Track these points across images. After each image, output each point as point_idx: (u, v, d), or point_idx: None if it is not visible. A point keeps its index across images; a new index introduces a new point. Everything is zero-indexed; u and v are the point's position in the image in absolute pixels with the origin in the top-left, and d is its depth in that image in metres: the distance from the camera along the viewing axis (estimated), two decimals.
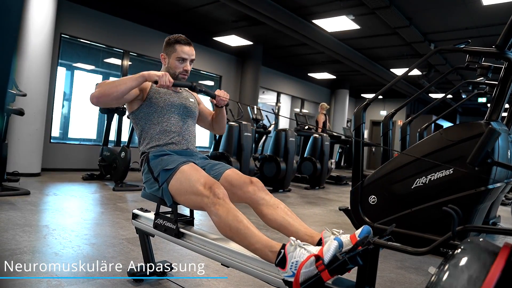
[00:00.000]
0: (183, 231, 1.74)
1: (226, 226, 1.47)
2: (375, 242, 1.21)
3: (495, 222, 3.78)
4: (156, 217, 1.87)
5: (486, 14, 6.06)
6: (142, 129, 1.92)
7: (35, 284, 1.79)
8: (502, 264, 0.80)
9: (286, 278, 1.28)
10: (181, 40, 1.96)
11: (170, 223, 1.79)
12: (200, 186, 1.57)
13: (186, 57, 1.94)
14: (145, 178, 1.85)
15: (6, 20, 0.40)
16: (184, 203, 1.70)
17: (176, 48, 1.94)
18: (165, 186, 1.71)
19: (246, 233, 1.42)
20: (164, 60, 2.00)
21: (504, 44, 2.63)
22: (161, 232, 1.83)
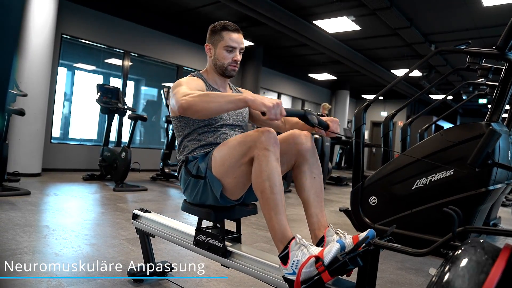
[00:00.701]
0: (231, 250, 1.55)
1: (265, 179, 1.34)
2: (376, 243, 1.21)
3: (496, 223, 3.78)
4: (197, 233, 1.68)
5: (486, 15, 6.06)
6: (184, 138, 1.70)
7: (35, 284, 1.79)
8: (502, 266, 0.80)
9: (286, 275, 1.28)
10: (228, 26, 1.72)
11: (215, 240, 1.59)
12: (247, 136, 1.42)
13: (235, 45, 1.72)
14: (184, 184, 1.66)
15: (7, 20, 0.40)
16: (234, 180, 1.49)
17: (223, 36, 1.71)
18: (209, 173, 1.53)
19: (278, 204, 1.34)
20: (209, 51, 1.78)
21: (504, 45, 2.63)
22: (203, 249, 1.65)
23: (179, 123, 1.71)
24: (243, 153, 1.42)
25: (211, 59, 1.78)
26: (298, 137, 1.56)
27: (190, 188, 1.63)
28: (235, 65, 1.75)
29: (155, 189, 5.21)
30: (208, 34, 1.78)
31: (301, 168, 1.56)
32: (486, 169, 2.64)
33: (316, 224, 1.50)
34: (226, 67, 1.74)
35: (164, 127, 7.15)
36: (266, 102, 1.32)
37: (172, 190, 5.35)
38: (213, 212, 1.61)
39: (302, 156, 1.56)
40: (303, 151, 1.55)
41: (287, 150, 1.55)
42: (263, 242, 2.95)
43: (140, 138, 8.28)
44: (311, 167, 1.56)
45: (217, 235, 1.60)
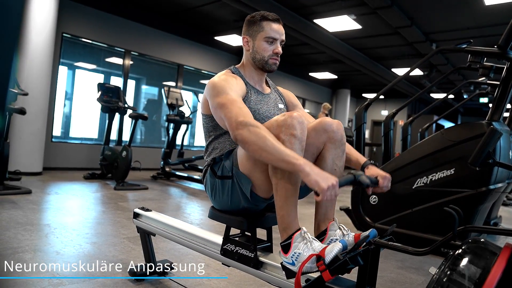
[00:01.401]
0: (263, 260, 1.43)
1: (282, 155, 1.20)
2: (376, 242, 1.21)
3: (496, 223, 3.78)
4: (225, 242, 1.55)
5: (488, 14, 6.05)
6: (214, 139, 1.59)
7: (36, 283, 1.79)
8: (503, 265, 0.80)
9: (285, 263, 1.29)
10: (269, 16, 1.60)
11: (246, 250, 1.47)
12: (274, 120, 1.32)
13: (277, 37, 1.59)
14: (211, 188, 1.54)
15: (7, 19, 0.40)
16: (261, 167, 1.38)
17: (263, 26, 1.58)
18: (236, 171, 1.43)
19: (292, 194, 1.30)
20: (247, 44, 1.63)
21: (506, 44, 2.62)
22: (231, 260, 1.53)
23: (210, 123, 1.58)
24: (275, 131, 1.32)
25: (249, 52, 1.62)
26: (330, 125, 1.43)
27: (218, 191, 1.51)
28: (276, 58, 1.62)
29: (156, 188, 5.22)
30: (245, 25, 1.64)
31: (325, 156, 1.44)
32: (487, 169, 2.64)
33: (322, 216, 1.48)
34: (267, 61, 1.60)
35: (164, 126, 7.15)
36: (321, 183, 1.14)
37: (172, 189, 5.35)
38: (246, 220, 1.49)
39: (330, 144, 1.44)
40: (332, 139, 1.43)
41: (314, 140, 1.43)
42: None
43: (141, 137, 8.29)
44: (335, 158, 1.45)
45: (247, 245, 1.48)
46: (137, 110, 5.35)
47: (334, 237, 1.43)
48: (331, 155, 1.45)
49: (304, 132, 1.31)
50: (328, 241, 1.43)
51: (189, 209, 4.15)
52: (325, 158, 1.45)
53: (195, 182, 5.90)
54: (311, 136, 1.41)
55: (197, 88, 9.39)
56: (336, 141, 1.44)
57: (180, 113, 6.17)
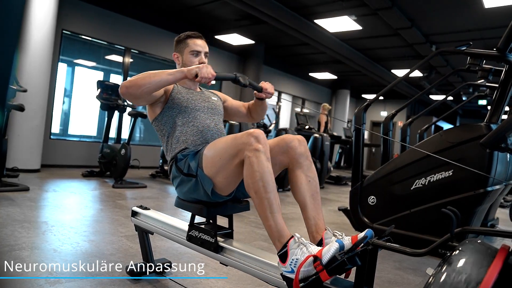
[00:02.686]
0: (223, 245, 1.58)
1: (255, 181, 1.36)
2: (374, 242, 1.21)
3: (493, 224, 3.79)
4: (190, 229, 1.71)
5: (487, 17, 6.06)
6: (168, 134, 1.78)
7: (33, 281, 1.79)
8: (499, 266, 0.80)
9: (284, 273, 1.29)
10: (192, 35, 1.88)
11: (208, 236, 1.63)
12: (236, 139, 1.46)
13: (200, 50, 1.86)
14: (176, 182, 1.71)
15: (8, 16, 0.40)
16: (225, 179, 1.54)
17: (188, 43, 1.86)
18: (200, 172, 1.58)
19: (272, 202, 1.36)
20: (177, 59, 1.90)
21: (505, 47, 2.63)
22: (195, 245, 1.68)
23: (158, 123, 1.80)
24: (233, 155, 1.47)
25: (180, 65, 1.89)
26: (291, 141, 1.59)
27: (182, 185, 1.67)
28: None
29: (154, 186, 5.22)
30: (174, 45, 1.93)
31: (295, 172, 1.57)
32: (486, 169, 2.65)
33: (313, 227, 1.49)
34: None
35: None
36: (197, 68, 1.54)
37: (171, 188, 5.35)
38: (206, 208, 1.64)
39: (295, 160, 1.58)
40: (296, 155, 1.57)
41: (279, 152, 1.59)
42: (262, 241, 2.95)
43: (140, 135, 8.28)
44: (306, 171, 1.57)
45: (209, 231, 1.63)
46: (136, 108, 5.34)
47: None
48: (301, 168, 1.57)
49: (265, 144, 1.42)
50: None
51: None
52: (296, 172, 1.57)
53: None
54: (276, 151, 1.58)
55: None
56: (301, 156, 1.58)
57: None
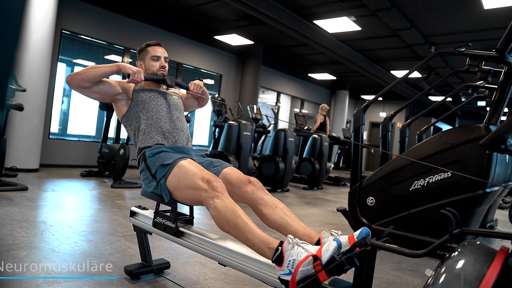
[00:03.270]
0: (182, 230, 1.73)
1: (224, 220, 1.47)
2: (373, 243, 1.21)
3: (492, 226, 3.79)
4: (155, 216, 1.87)
5: (487, 18, 6.07)
6: (135, 128, 1.97)
7: (31, 281, 1.78)
8: (498, 268, 0.80)
9: (282, 276, 1.27)
10: (151, 43, 2.09)
11: (169, 221, 1.78)
12: (198, 180, 1.58)
13: (160, 55, 2.05)
14: (143, 176, 1.87)
15: (8, 16, 0.40)
16: (182, 198, 1.70)
17: (148, 50, 2.07)
18: (163, 182, 1.72)
19: (244, 228, 1.42)
20: (141, 66, 2.09)
21: (504, 48, 2.63)
22: (160, 230, 1.82)
23: (126, 119, 1.99)
24: (196, 197, 1.60)
25: (144, 72, 2.05)
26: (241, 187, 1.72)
27: (147, 180, 1.84)
28: (163, 69, 2.06)
29: None
30: (137, 54, 2.13)
31: (259, 209, 1.66)
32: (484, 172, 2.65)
33: (305, 236, 1.50)
34: (155, 73, 2.05)
35: None
36: (132, 68, 1.83)
37: None
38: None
39: (253, 200, 1.68)
40: (251, 196, 1.69)
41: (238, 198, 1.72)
42: None
43: None
44: (267, 203, 1.65)
45: (170, 217, 1.79)
46: None
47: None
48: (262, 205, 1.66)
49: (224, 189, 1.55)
50: None
51: (184, 207, 4.14)
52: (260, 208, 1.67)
53: None
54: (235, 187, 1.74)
55: None
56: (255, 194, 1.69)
57: None
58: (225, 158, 5.31)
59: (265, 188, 1.74)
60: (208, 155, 5.36)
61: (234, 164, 5.30)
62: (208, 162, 1.88)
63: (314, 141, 6.99)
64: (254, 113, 7.05)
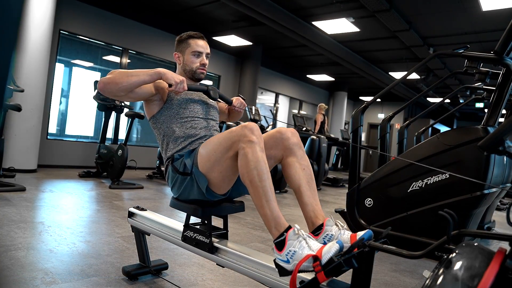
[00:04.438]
0: (218, 246, 1.57)
1: (253, 168, 1.38)
2: (371, 244, 1.21)
3: (490, 227, 3.80)
4: (185, 229, 1.72)
5: (485, 20, 6.09)
6: (165, 133, 1.78)
7: (29, 281, 1.78)
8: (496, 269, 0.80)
9: (278, 260, 1.29)
10: (194, 35, 1.89)
11: (203, 236, 1.62)
12: (229, 133, 1.48)
13: (202, 50, 1.87)
14: (172, 181, 1.72)
15: (7, 15, 0.40)
16: (219, 173, 1.54)
17: (190, 43, 1.87)
18: (195, 169, 1.59)
19: (267, 191, 1.37)
20: (178, 59, 1.90)
21: (502, 50, 2.64)
22: (190, 245, 1.67)
23: (156, 121, 1.81)
24: (228, 148, 1.49)
25: (181, 65, 1.90)
26: (285, 132, 1.64)
27: (177, 185, 1.68)
28: (203, 68, 1.88)
29: (151, 187, 5.20)
30: (175, 44, 1.92)
31: (289, 161, 1.61)
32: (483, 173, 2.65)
33: (312, 213, 1.51)
34: (195, 71, 1.87)
35: None
36: (175, 77, 1.62)
37: (168, 189, 5.34)
38: (201, 208, 1.64)
39: (289, 150, 1.62)
40: (290, 145, 1.62)
41: (274, 145, 1.63)
42: (259, 242, 2.95)
43: (137, 136, 8.26)
44: (299, 159, 1.61)
45: (204, 231, 1.63)
46: (134, 109, 5.34)
47: (330, 232, 1.44)
48: (294, 157, 1.62)
49: (259, 136, 1.45)
50: (324, 235, 1.45)
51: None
52: (290, 163, 1.61)
53: None
54: (270, 143, 1.63)
55: None
56: (294, 145, 1.63)
57: None
58: None
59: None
60: None
61: None
62: None
63: (312, 142, 7.00)
64: (252, 114, 7.04)
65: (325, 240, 1.44)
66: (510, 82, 2.87)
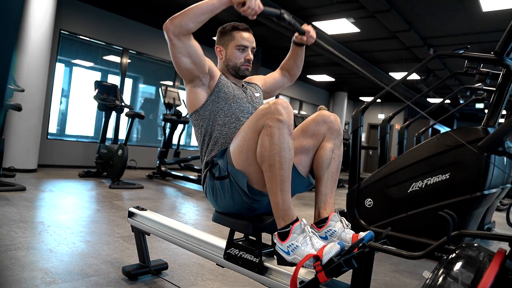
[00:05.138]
0: (268, 266, 1.39)
1: (276, 153, 1.28)
2: (371, 245, 1.21)
3: (490, 228, 3.80)
4: (228, 246, 1.51)
5: (485, 20, 6.09)
6: (206, 131, 1.59)
7: (29, 281, 1.78)
8: (495, 270, 0.80)
9: (278, 249, 1.30)
10: (239, 26, 1.68)
11: (251, 255, 1.43)
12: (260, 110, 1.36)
13: (247, 44, 1.67)
14: (210, 191, 1.56)
15: (7, 15, 0.40)
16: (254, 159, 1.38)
17: (234, 36, 1.66)
18: (231, 168, 1.44)
19: (285, 180, 1.30)
20: (220, 53, 1.71)
21: (502, 51, 2.64)
22: (235, 265, 1.48)
23: (198, 117, 1.60)
24: (258, 130, 1.35)
25: (222, 60, 1.71)
26: (328, 116, 1.57)
27: (219, 193, 1.51)
28: (248, 64, 1.70)
29: (151, 187, 5.20)
30: (217, 36, 1.72)
31: (325, 145, 1.54)
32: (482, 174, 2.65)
33: (323, 203, 1.51)
34: (239, 67, 1.68)
35: (161, 125, 7.14)
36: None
37: (168, 189, 5.34)
38: (251, 224, 1.46)
39: (329, 134, 1.55)
40: (331, 129, 1.55)
41: (316, 131, 1.53)
42: None
43: (137, 136, 8.27)
44: (335, 147, 1.56)
45: (252, 249, 1.43)
46: (134, 108, 5.34)
47: (333, 228, 1.45)
48: (330, 144, 1.55)
49: (290, 116, 1.33)
50: (327, 229, 1.45)
51: (184, 209, 4.14)
52: (325, 148, 1.54)
53: (191, 182, 5.89)
54: (311, 127, 1.54)
55: None
56: (334, 131, 1.56)
57: (177, 113, 6.17)
58: None
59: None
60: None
61: None
62: None
63: None
64: None
65: (327, 235, 1.45)
66: (510, 83, 2.87)
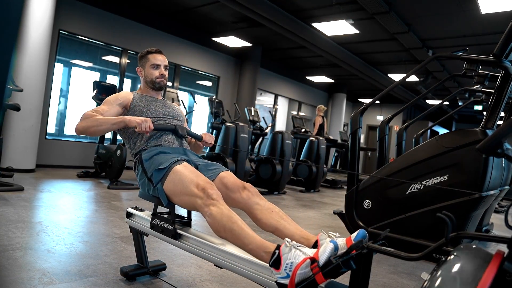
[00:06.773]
0: (180, 232, 1.72)
1: (220, 227, 1.48)
2: (369, 246, 1.21)
3: (488, 230, 3.81)
4: (153, 217, 1.86)
5: (484, 23, 6.11)
6: (131, 135, 1.98)
7: (27, 281, 1.77)
8: (494, 272, 0.80)
9: (279, 280, 1.27)
10: (152, 51, 2.09)
11: (167, 224, 1.78)
12: (193, 188, 1.59)
13: (160, 63, 2.07)
14: (140, 179, 1.87)
15: (7, 15, 0.40)
16: (178, 203, 1.71)
17: (149, 58, 2.07)
18: (160, 186, 1.73)
19: (240, 233, 1.43)
20: (140, 73, 2.11)
21: (501, 53, 2.65)
22: (157, 232, 1.82)
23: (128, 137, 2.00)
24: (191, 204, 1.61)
25: (143, 78, 2.11)
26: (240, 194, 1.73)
27: (144, 184, 1.84)
28: (162, 78, 2.08)
29: None
30: (138, 61, 2.14)
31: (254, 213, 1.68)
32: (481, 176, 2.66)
33: (302, 239, 1.50)
34: (155, 80, 2.07)
35: None
36: (137, 120, 1.78)
37: None
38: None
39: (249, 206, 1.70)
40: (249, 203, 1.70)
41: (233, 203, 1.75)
42: None
43: None
44: (263, 207, 1.67)
45: (168, 219, 1.78)
46: None
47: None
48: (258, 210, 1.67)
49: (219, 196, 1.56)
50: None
51: (181, 209, 4.14)
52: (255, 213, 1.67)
53: None
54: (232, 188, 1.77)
55: (193, 89, 9.39)
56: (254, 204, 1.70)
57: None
58: (222, 160, 5.30)
59: (261, 190, 1.76)
60: (205, 157, 5.36)
61: (231, 166, 5.31)
62: (204, 165, 1.89)
63: (311, 143, 7.00)
64: (251, 115, 7.05)
65: None
66: (508, 85, 2.88)
